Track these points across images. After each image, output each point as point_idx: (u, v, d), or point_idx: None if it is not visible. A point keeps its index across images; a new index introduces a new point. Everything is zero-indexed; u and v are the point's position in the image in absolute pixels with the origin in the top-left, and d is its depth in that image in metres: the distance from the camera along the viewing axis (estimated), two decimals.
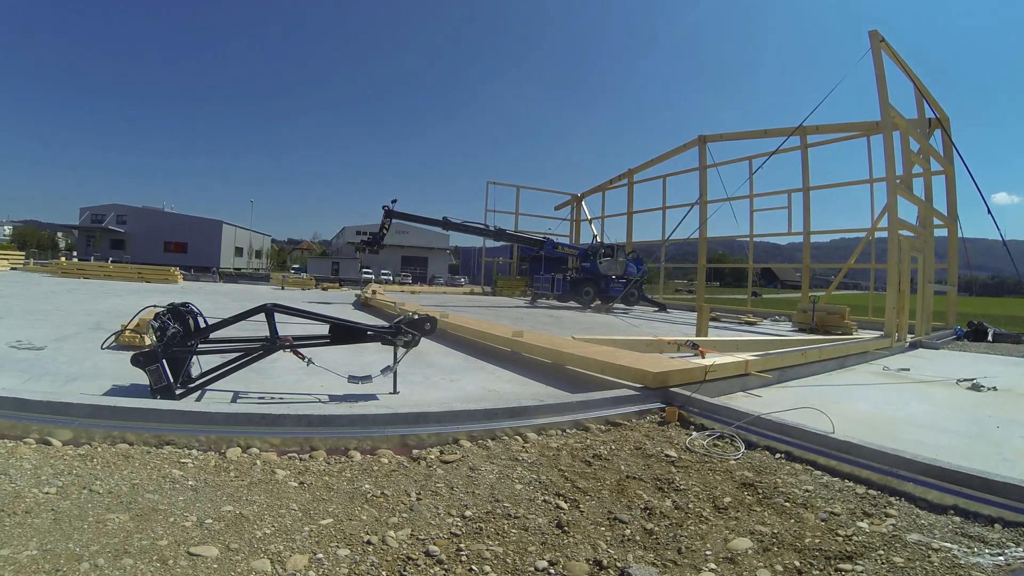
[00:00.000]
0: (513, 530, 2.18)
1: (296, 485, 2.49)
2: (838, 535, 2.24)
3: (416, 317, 4.47)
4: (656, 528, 2.25)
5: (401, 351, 4.34)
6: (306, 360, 4.01)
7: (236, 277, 30.94)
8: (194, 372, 3.99)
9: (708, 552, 2.07)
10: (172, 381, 3.61)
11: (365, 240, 17.24)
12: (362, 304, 14.29)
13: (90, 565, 1.71)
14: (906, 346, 10.02)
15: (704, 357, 5.74)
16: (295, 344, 3.99)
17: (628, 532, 2.21)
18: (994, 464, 3.07)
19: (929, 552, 2.10)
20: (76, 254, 44.59)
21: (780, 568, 1.97)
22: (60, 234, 75.09)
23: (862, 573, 1.94)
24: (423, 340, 4.59)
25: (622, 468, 2.97)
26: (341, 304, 14.92)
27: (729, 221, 27.43)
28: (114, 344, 5.17)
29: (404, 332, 4.28)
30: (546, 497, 2.53)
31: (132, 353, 3.56)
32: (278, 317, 3.95)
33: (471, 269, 55.12)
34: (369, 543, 2.00)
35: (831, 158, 22.29)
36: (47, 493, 2.19)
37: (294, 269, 62.30)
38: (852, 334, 11.20)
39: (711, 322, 12.00)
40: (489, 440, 3.30)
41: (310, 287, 24.79)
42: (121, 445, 2.79)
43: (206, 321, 3.98)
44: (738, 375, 5.22)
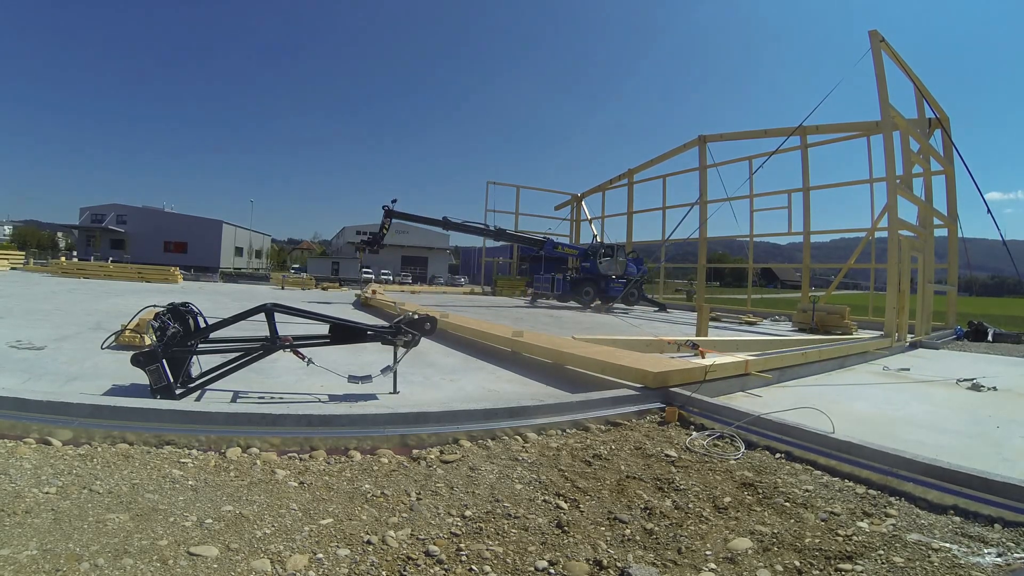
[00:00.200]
0: (513, 530, 2.18)
1: (296, 485, 2.49)
2: (838, 535, 2.24)
3: (416, 317, 4.47)
4: (656, 528, 2.25)
5: (401, 351, 4.34)
6: (306, 360, 4.01)
7: (236, 277, 30.93)
8: (194, 372, 3.99)
9: (708, 552, 2.07)
10: (172, 381, 3.61)
11: (365, 240, 17.27)
12: (362, 304, 14.29)
13: (90, 565, 1.71)
14: (906, 346, 10.03)
15: (704, 357, 5.74)
16: (295, 344, 4.00)
17: (628, 532, 2.21)
18: (994, 464, 3.07)
19: (929, 552, 2.10)
20: (76, 254, 44.59)
21: (780, 568, 1.97)
22: (60, 234, 75.12)
23: (862, 573, 1.94)
24: (423, 340, 4.59)
25: (622, 468, 2.97)
26: (341, 304, 14.91)
27: (729, 221, 27.47)
28: (114, 344, 5.18)
29: (404, 332, 4.28)
30: (546, 497, 2.53)
31: (132, 353, 3.56)
32: (278, 317, 3.95)
33: (471, 269, 55.13)
34: (369, 543, 2.00)
35: (831, 158, 22.33)
36: (47, 493, 2.19)
37: (294, 269, 62.33)
38: (852, 334, 11.20)
39: (711, 322, 12.01)
40: (489, 440, 3.30)
41: (310, 287, 24.79)
42: (121, 445, 2.79)
43: (206, 321, 3.98)
44: (738, 375, 5.22)
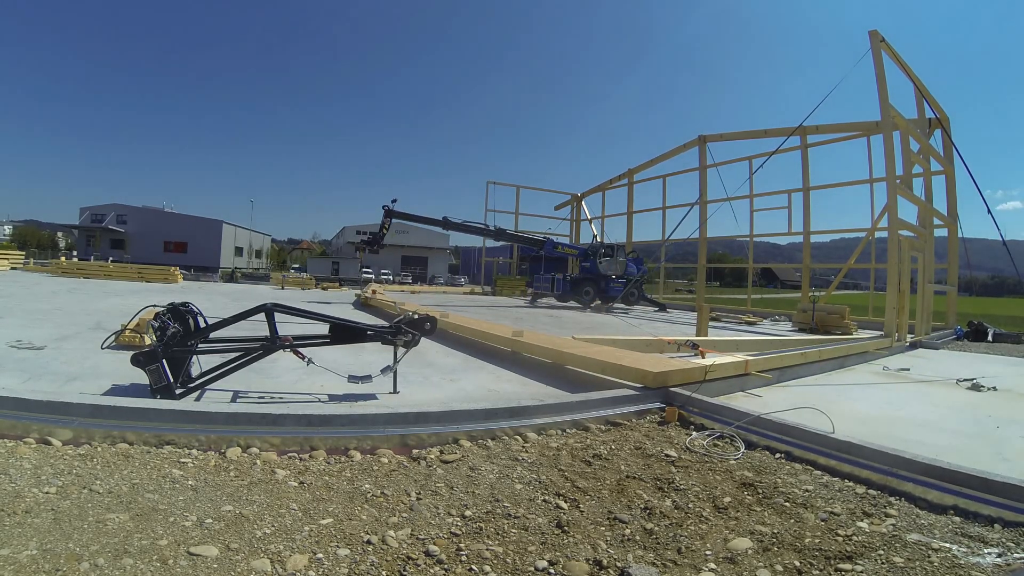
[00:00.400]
0: (513, 530, 2.18)
1: (296, 485, 2.49)
2: (838, 535, 2.24)
3: (416, 317, 4.47)
4: (656, 528, 2.25)
5: (401, 351, 4.34)
6: (306, 360, 4.01)
7: (237, 277, 30.92)
8: (194, 372, 3.99)
9: (708, 552, 2.07)
10: (172, 381, 3.61)
11: (365, 240, 17.25)
12: (362, 304, 14.29)
13: (90, 565, 1.71)
14: (906, 346, 10.03)
15: (704, 357, 5.74)
16: (295, 344, 4.00)
17: (628, 532, 2.21)
18: (994, 464, 3.07)
19: (929, 552, 2.10)
20: (76, 254, 44.60)
21: (780, 568, 1.97)
22: (60, 234, 75.12)
23: (862, 573, 1.94)
24: (423, 340, 4.59)
25: (622, 468, 2.97)
26: (341, 304, 14.92)
27: (729, 221, 27.47)
28: (114, 344, 5.18)
29: (404, 332, 4.28)
30: (546, 497, 2.53)
31: (132, 353, 3.56)
32: (278, 317, 3.95)
33: (471, 269, 55.12)
34: (369, 543, 2.00)
35: (831, 158, 22.34)
36: (47, 493, 2.19)
37: (294, 269, 62.32)
38: (852, 334, 11.20)
39: (711, 322, 12.01)
40: (489, 440, 3.30)
41: (310, 287, 24.79)
42: (121, 445, 2.79)
43: (206, 321, 3.98)
44: (738, 375, 5.22)
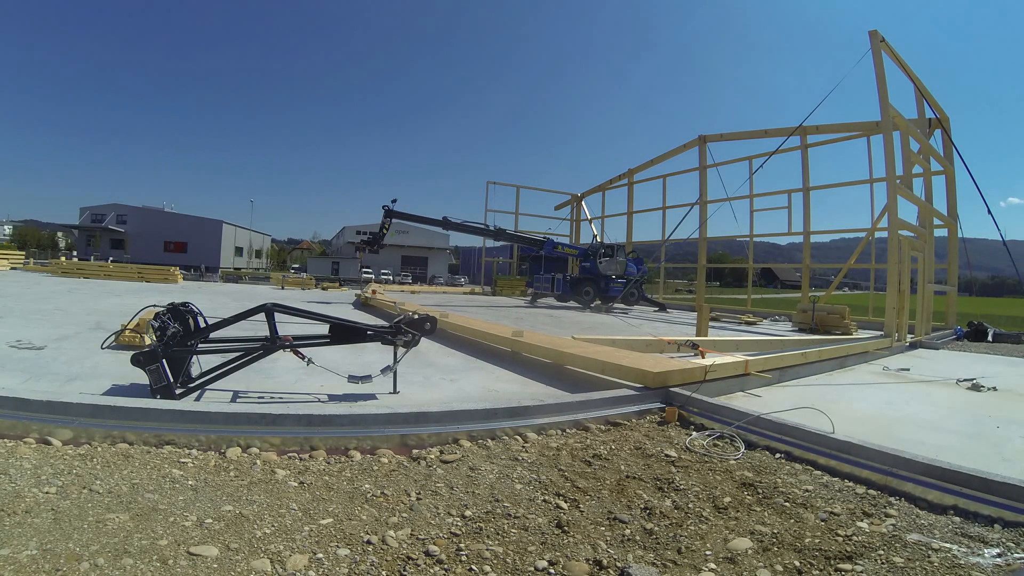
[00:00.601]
0: (513, 530, 2.18)
1: (296, 485, 2.49)
2: (838, 535, 2.24)
3: (416, 317, 4.47)
4: (656, 528, 2.25)
5: (401, 351, 4.34)
6: (306, 360, 4.01)
7: (237, 277, 30.91)
8: (194, 372, 3.99)
9: (708, 552, 2.07)
10: (172, 381, 3.61)
11: (365, 240, 17.25)
12: (362, 304, 14.30)
13: (90, 565, 1.71)
14: (906, 346, 10.03)
15: (704, 357, 5.74)
16: (295, 344, 4.00)
17: (628, 532, 2.21)
18: (994, 464, 3.07)
19: (929, 552, 2.10)
20: (76, 254, 44.61)
21: (780, 568, 1.97)
22: (60, 234, 75.10)
23: (862, 573, 1.94)
24: (423, 340, 4.59)
25: (622, 468, 2.97)
26: (341, 304, 14.92)
27: (729, 221, 27.48)
28: (114, 344, 5.18)
29: (404, 332, 4.28)
30: (546, 497, 2.53)
31: (132, 353, 3.56)
32: (278, 317, 3.95)
33: (471, 269, 55.13)
34: (369, 543, 2.00)
35: (831, 158, 22.33)
36: (47, 493, 2.19)
37: (294, 269, 62.29)
38: (852, 334, 11.20)
39: (711, 322, 12.01)
40: (489, 440, 3.30)
41: (310, 287, 24.80)
42: (121, 445, 2.79)
43: (206, 321, 3.98)
44: (738, 375, 5.22)
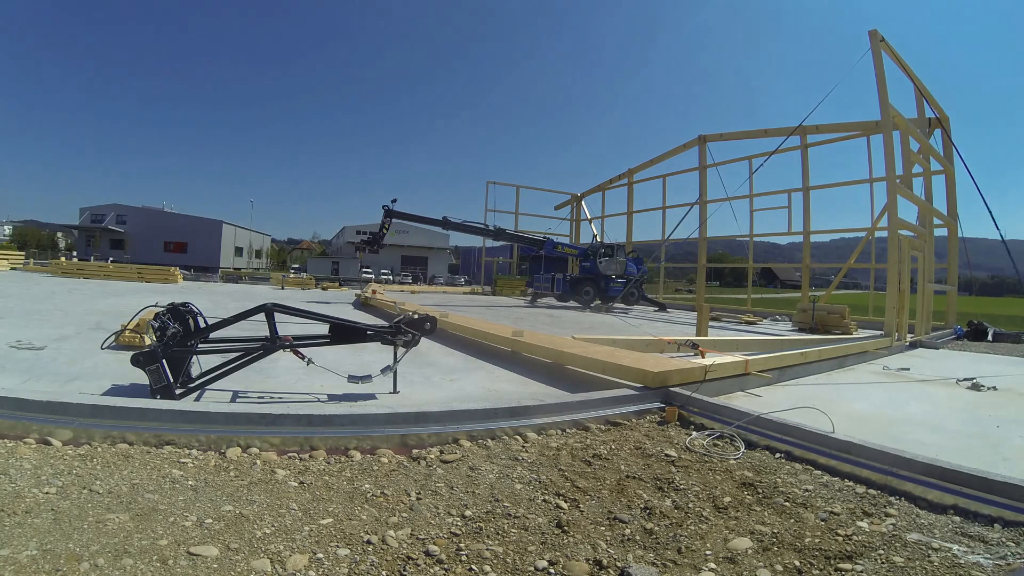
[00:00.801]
0: (513, 530, 2.18)
1: (296, 485, 2.49)
2: (838, 535, 2.24)
3: (416, 317, 4.47)
4: (656, 528, 2.25)
5: (401, 351, 4.34)
6: (306, 360, 4.01)
7: (237, 277, 30.92)
8: (194, 372, 3.99)
9: (708, 552, 2.07)
10: (172, 381, 3.61)
11: (365, 240, 17.25)
12: (362, 304, 14.30)
13: (90, 565, 1.71)
14: (906, 346, 10.02)
15: (704, 357, 5.74)
16: (295, 344, 4.00)
17: (628, 532, 2.21)
18: (994, 464, 3.07)
19: (929, 552, 2.10)
20: (76, 254, 44.58)
21: (780, 568, 1.97)
22: (60, 234, 75.04)
23: (862, 573, 1.94)
24: (423, 340, 4.59)
25: (622, 468, 2.97)
26: (341, 304, 14.92)
27: (729, 221, 27.47)
28: (114, 344, 5.18)
29: (404, 332, 4.28)
30: (546, 497, 2.53)
31: (132, 353, 3.56)
32: (278, 317, 3.95)
33: (471, 269, 55.07)
34: (369, 543, 2.00)
35: (831, 158, 22.30)
36: (47, 493, 2.19)
37: (294, 269, 62.24)
38: (852, 334, 11.20)
39: (711, 322, 12.01)
40: (489, 440, 3.30)
41: (310, 287, 24.80)
42: (121, 445, 2.79)
43: (206, 321, 3.98)
44: (738, 375, 5.22)
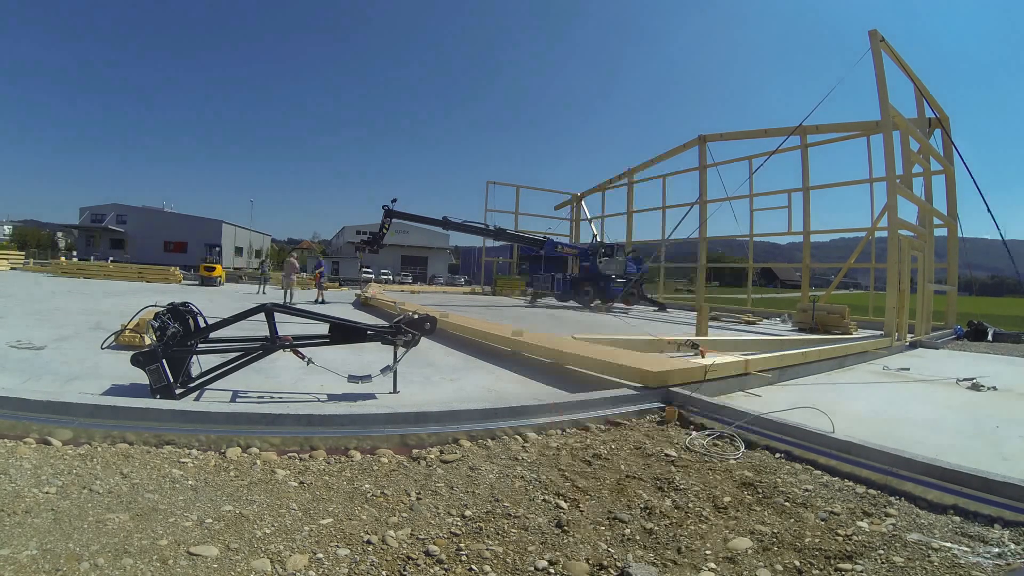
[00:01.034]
0: (513, 530, 2.18)
1: (296, 485, 2.49)
2: (838, 535, 2.24)
3: (416, 317, 4.47)
4: (656, 528, 2.25)
5: (401, 351, 4.34)
6: (306, 360, 4.01)
7: (237, 277, 30.89)
8: (194, 372, 3.99)
9: (708, 551, 2.07)
10: (172, 381, 3.61)
11: (365, 239, 17.23)
12: (362, 304, 14.30)
13: (90, 565, 1.71)
14: (906, 345, 10.03)
15: (704, 357, 5.74)
16: (295, 344, 4.00)
17: (628, 532, 2.21)
18: (993, 464, 3.06)
19: (929, 552, 2.10)
20: (76, 254, 44.56)
21: (780, 568, 1.97)
22: (60, 234, 74.95)
23: (862, 573, 1.94)
24: (423, 340, 4.59)
25: (622, 468, 2.97)
26: (341, 304, 14.91)
27: (729, 221, 27.43)
28: (114, 344, 5.18)
29: (404, 332, 4.28)
30: (546, 497, 2.53)
31: (132, 353, 3.56)
32: (278, 317, 3.95)
33: (471, 269, 55.03)
34: (369, 543, 2.00)
35: (831, 158, 22.32)
36: (47, 493, 2.19)
37: None
38: (852, 334, 11.20)
39: (711, 322, 12.00)
40: (489, 440, 3.30)
41: (310, 287, 24.77)
42: (121, 445, 2.79)
43: (206, 321, 3.98)
44: (738, 375, 5.22)
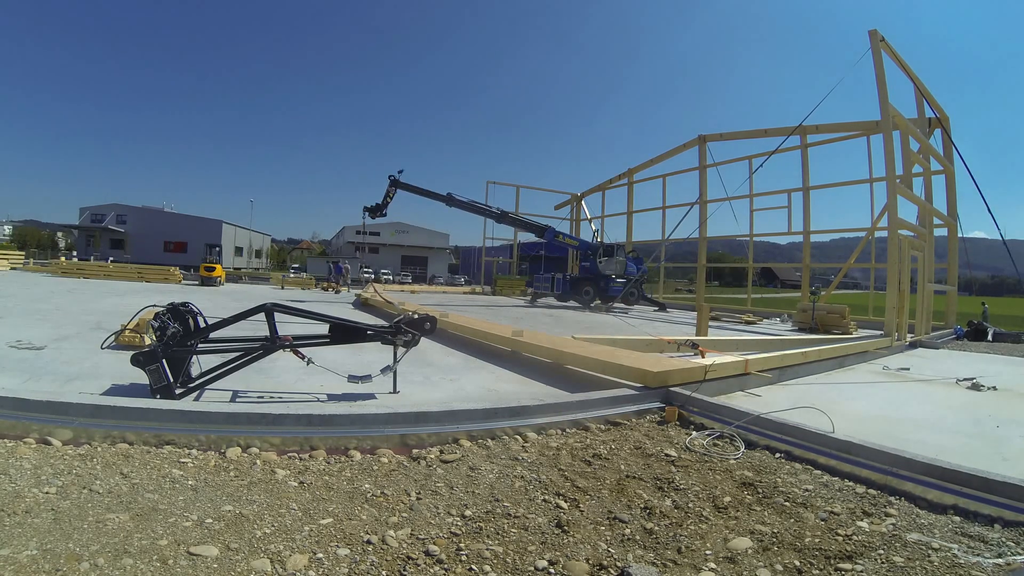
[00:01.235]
0: (513, 530, 2.18)
1: (296, 485, 2.49)
2: (838, 535, 2.24)
3: (416, 316, 4.47)
4: (656, 528, 2.26)
5: (401, 350, 4.34)
6: (306, 360, 4.01)
7: (237, 277, 30.90)
8: (194, 372, 3.99)
9: (708, 552, 2.07)
10: (172, 381, 3.61)
11: (369, 207, 17.06)
12: (362, 304, 14.30)
13: (90, 565, 1.71)
14: (906, 345, 10.03)
15: (704, 356, 5.74)
16: (295, 344, 4.00)
17: (628, 532, 2.21)
18: (994, 464, 3.06)
19: (929, 552, 2.10)
20: (76, 254, 44.53)
21: (780, 568, 1.97)
22: (60, 234, 74.92)
23: (862, 573, 1.95)
24: (423, 339, 4.59)
25: (622, 468, 2.97)
26: (341, 304, 14.92)
27: (729, 221, 27.42)
28: (114, 344, 5.17)
29: (404, 331, 4.28)
30: (546, 496, 2.53)
31: (132, 353, 3.56)
32: (278, 317, 3.95)
33: (471, 269, 55.02)
34: (369, 543, 2.00)
35: (831, 157, 22.31)
36: (47, 493, 2.19)
37: (294, 269, 62.16)
38: (852, 333, 11.21)
39: (711, 322, 12.01)
40: (489, 440, 3.30)
41: (310, 287, 24.79)
42: (121, 445, 2.79)
43: (206, 321, 3.98)
44: (738, 375, 5.22)
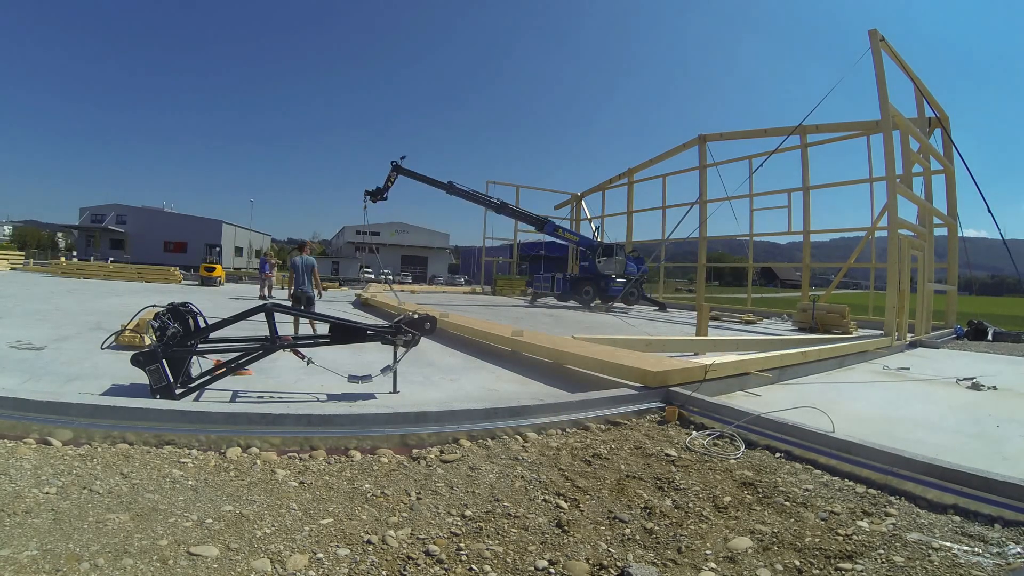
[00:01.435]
0: (513, 529, 2.18)
1: (296, 485, 2.49)
2: (838, 534, 2.24)
3: (416, 316, 4.47)
4: (656, 527, 2.25)
5: (401, 350, 4.34)
6: (306, 360, 4.01)
7: (237, 277, 30.90)
8: (194, 372, 3.99)
9: (708, 551, 2.07)
10: (172, 381, 3.61)
11: (370, 191, 17.01)
12: (362, 304, 14.30)
13: (90, 565, 1.71)
14: (906, 345, 10.02)
15: (704, 356, 5.74)
16: (295, 344, 4.00)
17: (628, 531, 2.21)
18: (994, 463, 3.06)
19: (929, 551, 2.10)
20: (76, 254, 44.52)
21: (780, 567, 1.97)
22: (60, 234, 74.90)
23: (862, 572, 1.94)
24: (423, 339, 4.59)
25: (622, 467, 2.97)
26: (341, 304, 14.91)
27: (729, 220, 27.38)
28: (114, 344, 5.18)
29: (404, 331, 4.28)
30: (546, 496, 2.53)
31: (132, 353, 3.56)
32: (278, 317, 3.95)
33: (471, 269, 55.00)
34: (369, 543, 2.00)
35: (831, 157, 22.30)
36: (47, 493, 2.19)
37: None
38: (852, 333, 11.20)
39: (711, 322, 12.00)
40: (489, 440, 3.30)
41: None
42: (121, 445, 2.79)
43: (206, 321, 3.98)
44: (738, 374, 5.22)
